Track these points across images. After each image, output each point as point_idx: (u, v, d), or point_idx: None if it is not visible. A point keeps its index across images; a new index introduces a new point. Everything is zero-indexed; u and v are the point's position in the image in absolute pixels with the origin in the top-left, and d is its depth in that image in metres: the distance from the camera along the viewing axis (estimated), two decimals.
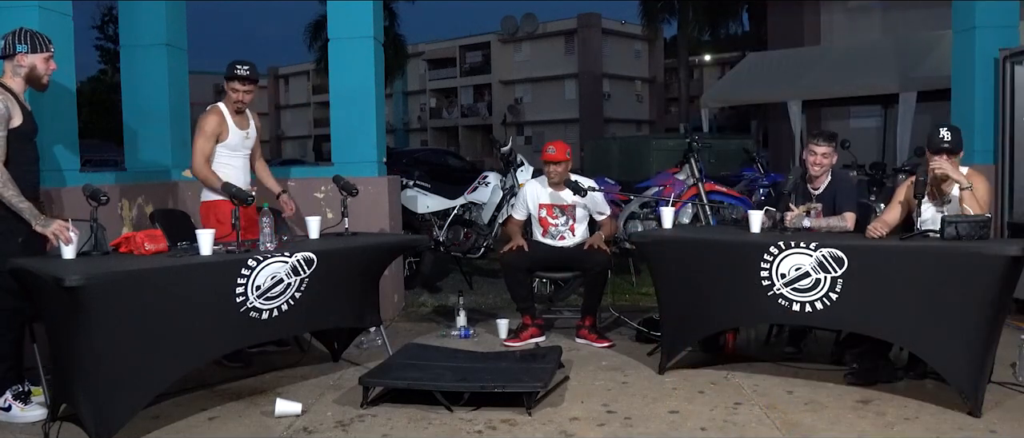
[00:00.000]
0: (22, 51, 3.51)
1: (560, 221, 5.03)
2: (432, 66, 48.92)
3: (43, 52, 3.56)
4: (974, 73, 5.73)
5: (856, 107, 12.15)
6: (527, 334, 4.88)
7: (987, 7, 5.70)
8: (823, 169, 4.27)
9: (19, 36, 3.53)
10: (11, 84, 3.52)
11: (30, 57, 3.53)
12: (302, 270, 3.74)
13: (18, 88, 3.54)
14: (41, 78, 3.58)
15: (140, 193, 5.21)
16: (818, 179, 4.30)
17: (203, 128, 4.34)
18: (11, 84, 3.52)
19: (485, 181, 6.86)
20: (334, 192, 4.83)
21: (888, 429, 3.30)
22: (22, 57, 3.52)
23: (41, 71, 3.57)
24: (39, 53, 3.55)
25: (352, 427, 3.42)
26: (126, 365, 3.12)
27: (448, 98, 48.49)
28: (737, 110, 27.21)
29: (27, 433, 3.38)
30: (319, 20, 28.20)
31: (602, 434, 3.32)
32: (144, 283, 3.18)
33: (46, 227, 3.42)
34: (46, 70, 3.59)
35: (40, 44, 3.56)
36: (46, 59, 3.58)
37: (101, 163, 18.39)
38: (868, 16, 12.67)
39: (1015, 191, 5.46)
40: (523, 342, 4.81)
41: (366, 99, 5.66)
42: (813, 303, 3.70)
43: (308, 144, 46.99)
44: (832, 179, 4.30)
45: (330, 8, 5.71)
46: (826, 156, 4.25)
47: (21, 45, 3.51)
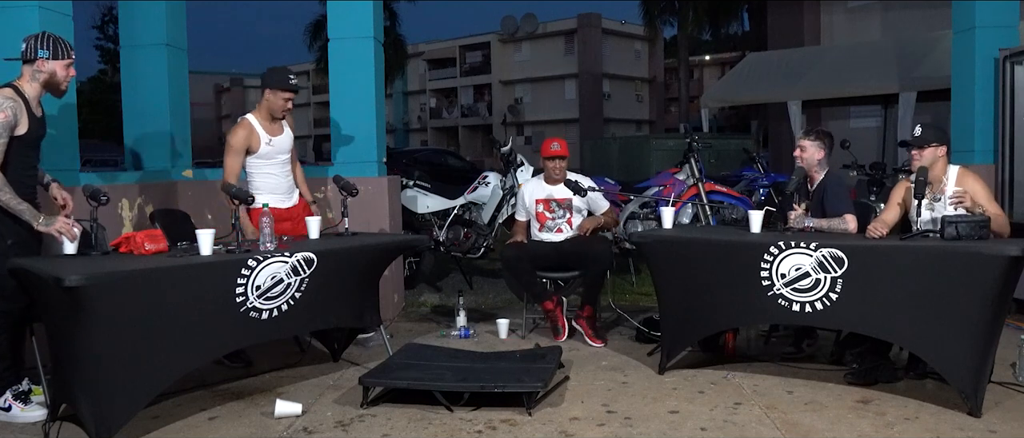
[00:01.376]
0: (43, 57, 3.48)
1: (557, 214, 5.08)
2: (432, 66, 48.92)
3: (64, 59, 3.53)
4: (974, 73, 5.73)
5: (856, 107, 12.15)
6: (559, 312, 4.93)
7: (987, 7, 5.70)
8: (805, 163, 4.29)
9: (42, 41, 3.49)
10: (26, 88, 3.48)
11: (51, 63, 3.50)
12: (302, 270, 3.74)
13: (33, 93, 3.51)
14: (60, 84, 3.56)
15: (140, 193, 5.21)
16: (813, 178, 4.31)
17: (231, 145, 4.31)
18: (26, 88, 3.48)
19: (485, 181, 6.86)
20: (334, 192, 4.83)
21: (888, 429, 3.30)
22: (42, 62, 3.48)
23: (60, 78, 3.55)
24: (60, 60, 3.52)
25: (352, 427, 3.42)
26: (126, 365, 3.12)
27: (448, 98, 48.49)
28: (737, 110, 27.25)
29: (27, 433, 3.39)
30: (319, 20, 28.24)
31: (602, 434, 3.32)
32: (144, 283, 3.18)
33: (49, 225, 3.41)
34: (65, 77, 3.57)
35: (62, 51, 3.53)
36: (66, 66, 3.56)
37: (101, 163, 18.41)
38: (868, 16, 12.67)
39: (1015, 191, 5.46)
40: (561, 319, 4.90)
41: (366, 99, 5.66)
42: (813, 303, 3.70)
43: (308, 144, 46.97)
44: (824, 178, 4.30)
45: (330, 8, 5.71)
46: (805, 150, 4.27)
47: (43, 50, 3.48)
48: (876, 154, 10.98)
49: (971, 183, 3.79)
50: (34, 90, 3.52)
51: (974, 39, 5.72)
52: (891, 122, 11.05)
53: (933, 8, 9.92)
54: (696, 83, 39.80)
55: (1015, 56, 5.41)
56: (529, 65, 44.25)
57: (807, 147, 4.28)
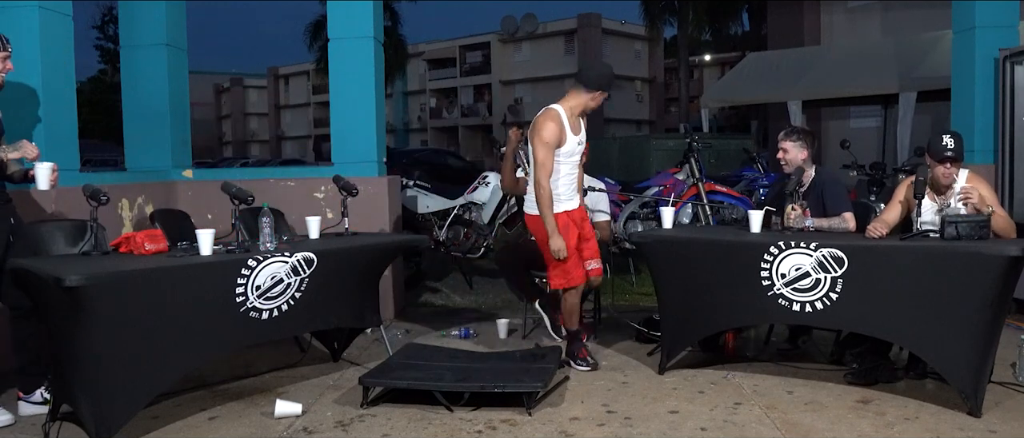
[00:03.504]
0: None
1: None
2: (432, 66, 48.90)
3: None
4: (974, 73, 5.73)
5: (856, 107, 12.15)
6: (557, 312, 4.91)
7: (987, 7, 5.71)
8: (789, 165, 4.27)
9: None
10: None
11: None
12: (302, 270, 3.74)
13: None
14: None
15: (140, 193, 5.21)
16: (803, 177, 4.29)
17: (546, 140, 3.97)
18: None
19: (485, 181, 6.86)
20: (334, 192, 4.83)
21: (888, 429, 3.30)
22: None
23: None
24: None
25: (352, 427, 3.42)
26: (126, 365, 3.12)
27: (448, 98, 48.47)
28: (737, 110, 27.22)
29: (27, 433, 3.39)
30: (319, 20, 28.23)
31: (602, 434, 3.32)
32: (144, 283, 3.18)
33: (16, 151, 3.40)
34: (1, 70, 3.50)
35: None
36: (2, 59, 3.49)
37: (101, 163, 18.40)
38: (868, 16, 12.66)
39: (1015, 191, 5.46)
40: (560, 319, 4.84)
41: (366, 99, 5.66)
42: (813, 303, 3.70)
43: (308, 144, 47.00)
44: (815, 177, 4.29)
45: (330, 8, 5.71)
46: (787, 151, 4.27)
47: None
48: (876, 154, 10.99)
49: (980, 187, 3.79)
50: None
51: (974, 39, 5.72)
52: (891, 122, 11.04)
53: (933, 8, 9.91)
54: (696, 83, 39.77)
55: (1015, 56, 5.41)
56: (529, 65, 44.23)
57: (789, 149, 4.27)
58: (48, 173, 3.44)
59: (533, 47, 44.70)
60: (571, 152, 4.11)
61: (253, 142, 55.67)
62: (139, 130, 5.80)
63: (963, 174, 3.86)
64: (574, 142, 4.11)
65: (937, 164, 3.80)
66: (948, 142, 3.76)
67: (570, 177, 4.17)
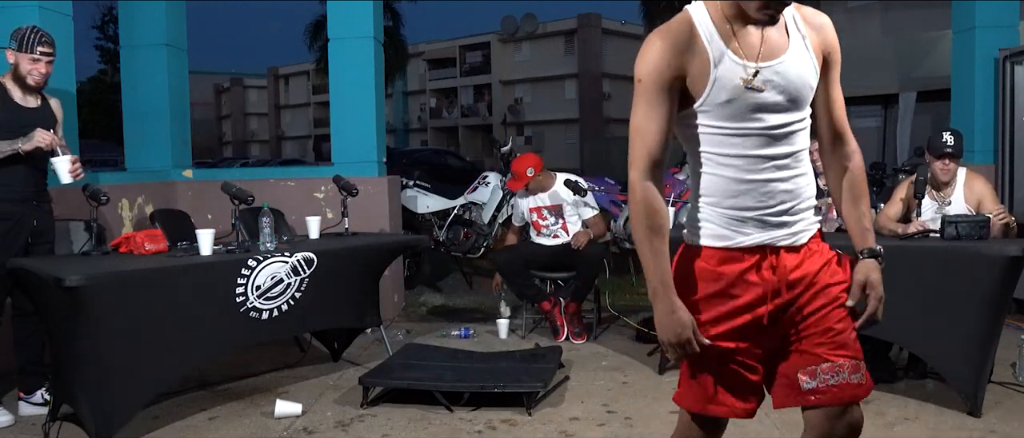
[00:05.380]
0: (12, 47, 3.51)
1: (550, 221, 5.12)
2: (432, 66, 48.89)
3: (28, 53, 3.50)
4: (974, 73, 5.73)
5: (856, 107, 12.12)
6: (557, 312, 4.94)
7: (987, 7, 5.70)
8: None
9: (17, 32, 3.51)
10: (8, 78, 3.53)
11: (15, 55, 3.52)
12: (302, 270, 3.74)
13: (10, 82, 3.53)
14: (24, 77, 3.53)
15: (140, 193, 5.21)
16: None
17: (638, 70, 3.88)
18: (8, 78, 3.53)
19: (485, 181, 6.86)
20: (334, 192, 4.83)
21: (888, 429, 3.30)
22: (9, 53, 3.52)
23: (24, 71, 3.51)
24: (24, 53, 3.50)
25: (352, 427, 3.42)
26: (126, 365, 3.12)
27: (448, 98, 48.47)
28: None
29: (27, 433, 3.39)
30: (319, 20, 28.19)
31: (602, 434, 3.32)
32: (144, 283, 3.18)
33: (29, 142, 3.39)
34: (28, 71, 3.52)
35: (28, 45, 3.50)
36: (32, 61, 3.51)
37: (101, 163, 18.39)
38: (868, 16, 12.65)
39: (1015, 191, 5.46)
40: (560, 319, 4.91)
41: (366, 99, 5.66)
42: None
43: (308, 144, 46.99)
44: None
45: (330, 8, 5.71)
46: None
47: (12, 41, 3.50)
48: (876, 154, 10.98)
49: (979, 186, 3.79)
50: (10, 80, 3.54)
51: (974, 39, 5.72)
52: (891, 122, 11.04)
53: (933, 8, 9.90)
54: None
55: (1015, 56, 5.41)
56: (529, 65, 44.23)
57: None
58: (67, 165, 3.42)
59: (533, 47, 44.69)
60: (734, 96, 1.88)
61: (253, 142, 55.69)
62: (139, 130, 5.80)
63: (961, 173, 3.86)
64: (736, 72, 1.84)
65: (935, 160, 3.82)
66: (948, 138, 3.79)
67: (747, 164, 1.88)
